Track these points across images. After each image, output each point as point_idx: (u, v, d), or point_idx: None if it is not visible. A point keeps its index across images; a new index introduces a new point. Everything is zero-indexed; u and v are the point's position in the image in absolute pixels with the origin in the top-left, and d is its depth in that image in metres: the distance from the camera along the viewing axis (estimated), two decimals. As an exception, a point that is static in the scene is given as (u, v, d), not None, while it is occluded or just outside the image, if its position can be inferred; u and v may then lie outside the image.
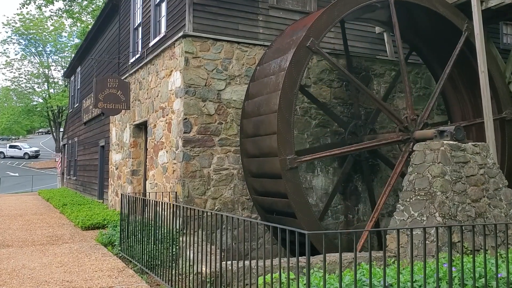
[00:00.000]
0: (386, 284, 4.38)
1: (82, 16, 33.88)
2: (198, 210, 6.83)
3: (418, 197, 7.34)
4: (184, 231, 7.83)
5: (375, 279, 4.67)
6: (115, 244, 9.77)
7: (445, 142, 7.58)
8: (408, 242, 7.09)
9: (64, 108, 41.52)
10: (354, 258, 3.83)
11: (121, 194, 9.51)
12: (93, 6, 32.18)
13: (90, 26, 26.15)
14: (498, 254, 6.44)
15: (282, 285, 4.74)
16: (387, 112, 9.44)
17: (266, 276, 4.88)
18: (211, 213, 6.30)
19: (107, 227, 11.51)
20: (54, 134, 45.67)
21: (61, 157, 29.30)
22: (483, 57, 9.29)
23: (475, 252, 4.47)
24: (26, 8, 32.54)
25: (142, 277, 7.58)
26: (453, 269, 4.86)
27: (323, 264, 3.72)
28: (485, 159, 7.87)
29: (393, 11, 9.18)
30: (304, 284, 4.68)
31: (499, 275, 4.66)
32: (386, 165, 11.02)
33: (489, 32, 11.65)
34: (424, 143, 7.83)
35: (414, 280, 4.72)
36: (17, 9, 32.90)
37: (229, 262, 6.13)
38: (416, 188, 7.44)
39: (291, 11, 10.92)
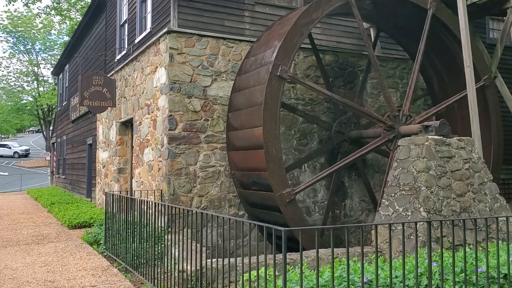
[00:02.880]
0: (366, 280, 4.35)
1: (70, 13, 33.59)
2: (183, 209, 6.76)
3: (403, 192, 7.33)
4: (170, 230, 7.76)
5: (356, 275, 4.64)
6: (101, 243, 9.68)
7: (429, 137, 7.56)
8: (393, 237, 7.08)
9: (54, 106, 41.20)
10: (332, 255, 3.79)
11: (106, 193, 9.42)
12: (81, 3, 31.92)
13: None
14: (481, 248, 6.44)
15: (264, 281, 4.69)
16: (369, 118, 9.50)
17: (246, 274, 4.83)
18: (196, 211, 6.23)
19: (94, 225, 11.42)
20: (44, 132, 45.32)
21: (51, 156, 29.08)
22: (468, 52, 9.28)
23: (454, 247, 4.44)
24: (13, 5, 32.22)
25: (126, 276, 7.50)
26: (434, 264, 4.84)
27: (299, 260, 3.68)
28: (470, 154, 7.87)
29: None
30: (289, 281, 4.65)
31: (479, 270, 4.64)
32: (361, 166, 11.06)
33: (476, 27, 11.66)
34: (408, 138, 7.81)
35: (395, 276, 4.70)
36: (4, 6, 32.41)
37: (213, 260, 6.08)
38: (401, 183, 7.42)
39: (278, 7, 10.86)
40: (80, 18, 29.03)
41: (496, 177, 10.05)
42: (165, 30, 9.66)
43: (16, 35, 42.78)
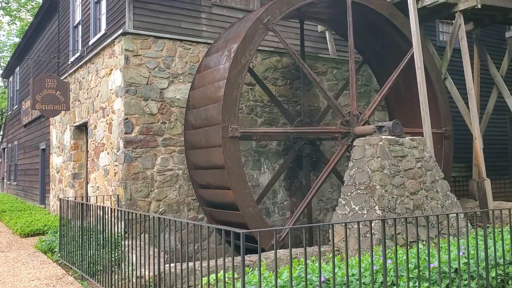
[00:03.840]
0: (323, 279, 4.41)
1: (21, 14, 32.44)
2: (141, 214, 6.65)
3: (359, 191, 7.48)
4: (127, 235, 7.62)
5: (314, 275, 4.69)
6: (55, 251, 9.38)
7: (383, 137, 7.76)
8: (350, 236, 7.21)
9: (4, 110, 39.54)
10: (290, 255, 3.81)
11: (60, 199, 9.14)
12: (32, 4, 30.88)
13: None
14: (433, 244, 6.66)
15: (223, 284, 4.68)
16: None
17: (205, 277, 4.80)
18: (154, 216, 6.14)
19: (48, 233, 11.05)
20: (-6, 137, 43.42)
21: (1, 162, 27.96)
22: (419, 54, 9.59)
23: (408, 244, 4.57)
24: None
25: (82, 284, 7.30)
26: (389, 261, 4.96)
27: (258, 261, 3.68)
28: (422, 153, 8.12)
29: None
30: (248, 283, 4.65)
31: (432, 265, 4.80)
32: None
33: (426, 30, 12.07)
34: (363, 138, 7.99)
35: (351, 274, 4.79)
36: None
37: (171, 265, 6.01)
38: (357, 183, 7.57)
39: (235, 9, 10.87)
40: (31, 19, 28.09)
41: (447, 130, 10.49)
42: (120, 31, 9.48)
43: (-38, 36, 40.84)
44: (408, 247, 4.95)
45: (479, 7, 9.99)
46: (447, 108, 10.66)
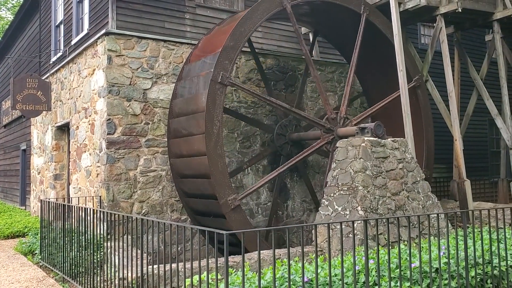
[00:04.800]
0: (306, 280, 4.44)
1: (1, 12, 31.93)
2: (123, 215, 6.61)
3: (342, 192, 7.54)
4: (109, 237, 7.56)
5: (297, 275, 4.72)
6: (36, 253, 9.26)
7: (366, 138, 7.83)
8: (333, 236, 7.27)
9: (-17, 110, 38.79)
10: (273, 256, 3.83)
11: (41, 200, 9.03)
12: (13, 2, 30.43)
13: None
14: (414, 244, 6.75)
15: (206, 285, 4.67)
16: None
17: (189, 279, 4.79)
18: (136, 218, 6.10)
19: (28, 235, 10.90)
20: (-27, 138, 42.61)
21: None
22: (401, 57, 9.71)
23: (390, 244, 4.63)
24: None
25: (63, 286, 7.23)
26: (371, 261, 5.02)
27: (241, 262, 3.69)
28: (403, 154, 8.22)
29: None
30: (231, 284, 4.65)
31: (413, 265, 4.87)
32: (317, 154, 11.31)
33: (408, 32, 12.23)
34: (346, 139, 8.05)
35: (334, 274, 4.83)
36: None
37: (155, 266, 5.98)
38: (340, 183, 7.64)
39: (219, 10, 10.86)
40: (12, 18, 27.64)
41: (417, 79, 10.64)
42: (103, 31, 9.40)
43: None
44: (390, 247, 5.01)
45: (460, 10, 10.17)
46: (412, 59, 10.82)
